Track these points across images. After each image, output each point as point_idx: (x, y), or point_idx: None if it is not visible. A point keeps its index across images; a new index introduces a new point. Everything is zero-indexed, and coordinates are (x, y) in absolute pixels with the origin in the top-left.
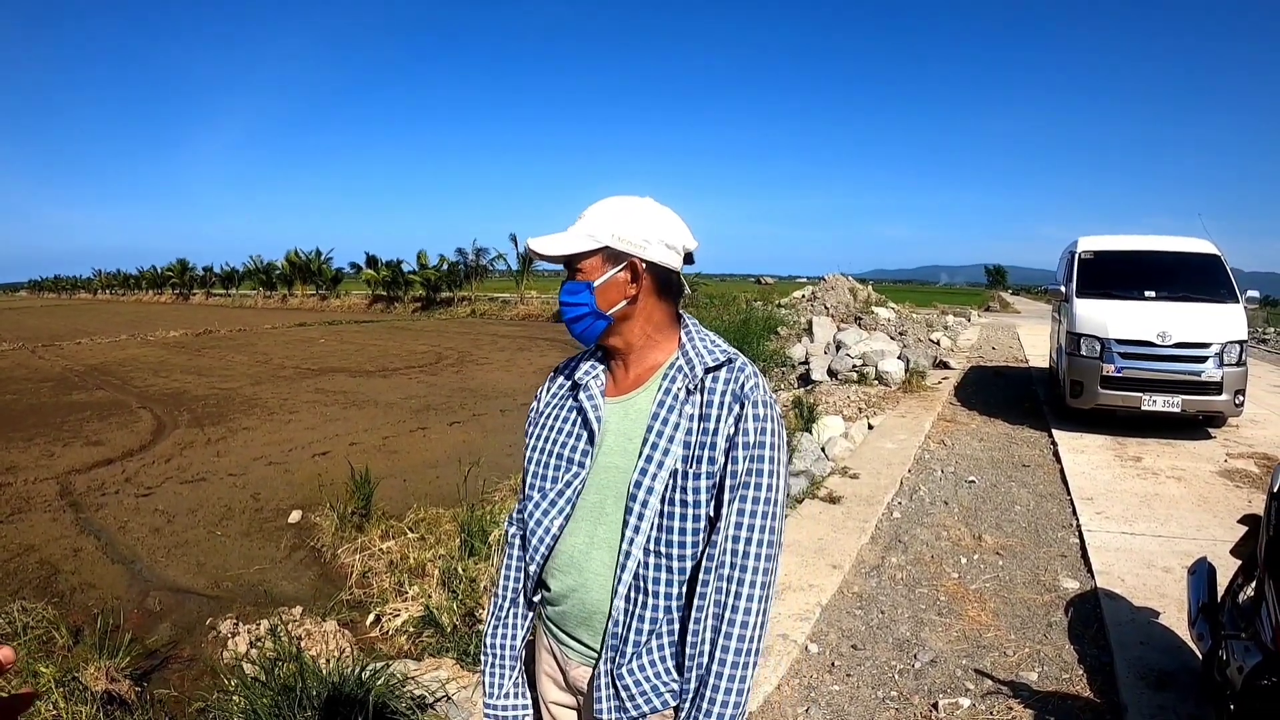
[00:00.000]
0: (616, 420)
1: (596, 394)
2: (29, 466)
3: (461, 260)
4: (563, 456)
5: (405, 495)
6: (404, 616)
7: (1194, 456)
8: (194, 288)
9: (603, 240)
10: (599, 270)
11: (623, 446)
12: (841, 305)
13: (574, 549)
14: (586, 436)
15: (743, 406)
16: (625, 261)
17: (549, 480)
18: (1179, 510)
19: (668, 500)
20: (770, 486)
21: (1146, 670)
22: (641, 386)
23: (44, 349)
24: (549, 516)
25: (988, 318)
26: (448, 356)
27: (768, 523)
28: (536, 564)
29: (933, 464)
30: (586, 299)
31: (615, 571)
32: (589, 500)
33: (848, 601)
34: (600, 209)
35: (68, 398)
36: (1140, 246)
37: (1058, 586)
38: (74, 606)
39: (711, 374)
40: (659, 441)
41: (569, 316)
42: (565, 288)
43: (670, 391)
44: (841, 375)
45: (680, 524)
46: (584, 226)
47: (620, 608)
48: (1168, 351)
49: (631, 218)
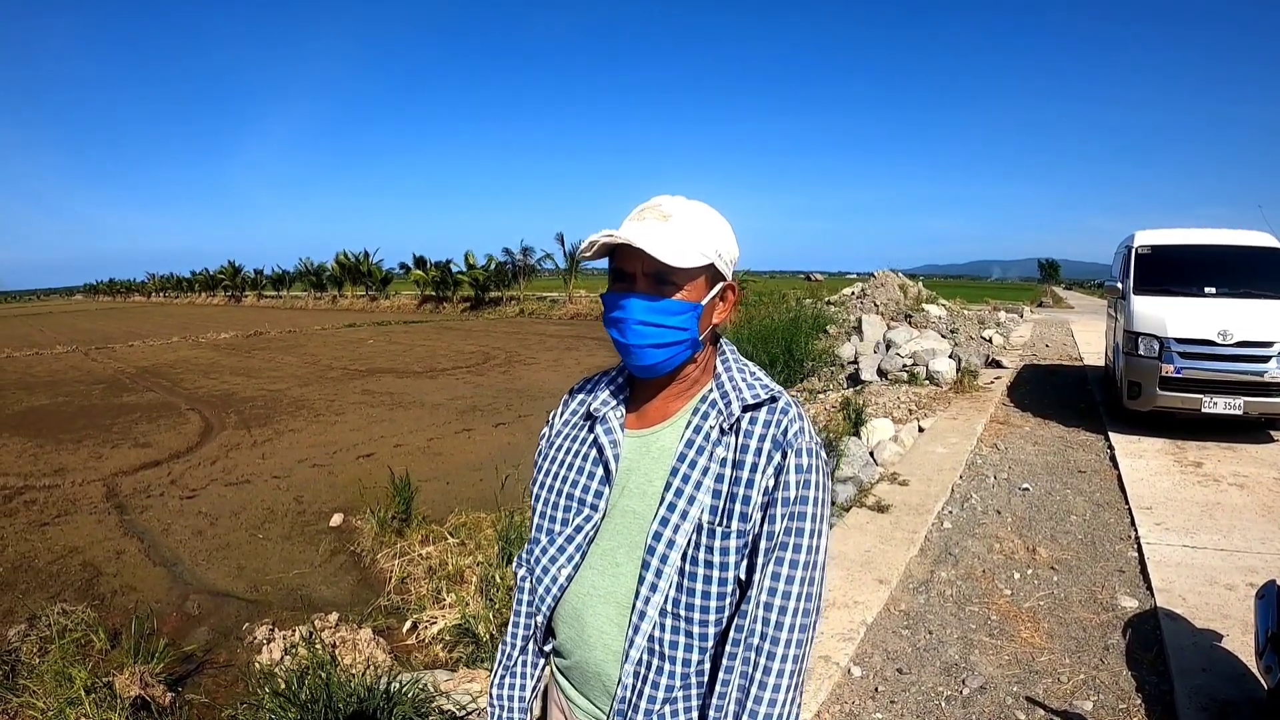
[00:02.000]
0: (636, 457)
1: (615, 427)
2: (77, 468)
3: (509, 260)
4: (573, 496)
5: (448, 498)
6: (440, 625)
7: (1256, 462)
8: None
9: (709, 257)
10: (703, 291)
11: (641, 489)
12: (891, 302)
13: (578, 601)
14: (602, 475)
15: (784, 456)
16: (723, 284)
17: (558, 522)
18: (1242, 520)
19: (690, 558)
20: (811, 549)
21: (1209, 701)
22: (668, 420)
23: (97, 351)
24: (556, 564)
25: (1040, 314)
26: (495, 356)
27: (805, 589)
28: (543, 614)
29: (985, 469)
30: (689, 323)
31: (626, 633)
32: (601, 547)
33: (894, 620)
34: (701, 216)
35: (118, 400)
36: (1199, 240)
37: (1115, 605)
38: (114, 609)
39: (750, 413)
40: (684, 488)
41: (655, 341)
42: (661, 305)
43: (701, 430)
44: (891, 375)
45: (704, 586)
46: (690, 236)
47: (630, 672)
48: (1229, 351)
49: (728, 234)
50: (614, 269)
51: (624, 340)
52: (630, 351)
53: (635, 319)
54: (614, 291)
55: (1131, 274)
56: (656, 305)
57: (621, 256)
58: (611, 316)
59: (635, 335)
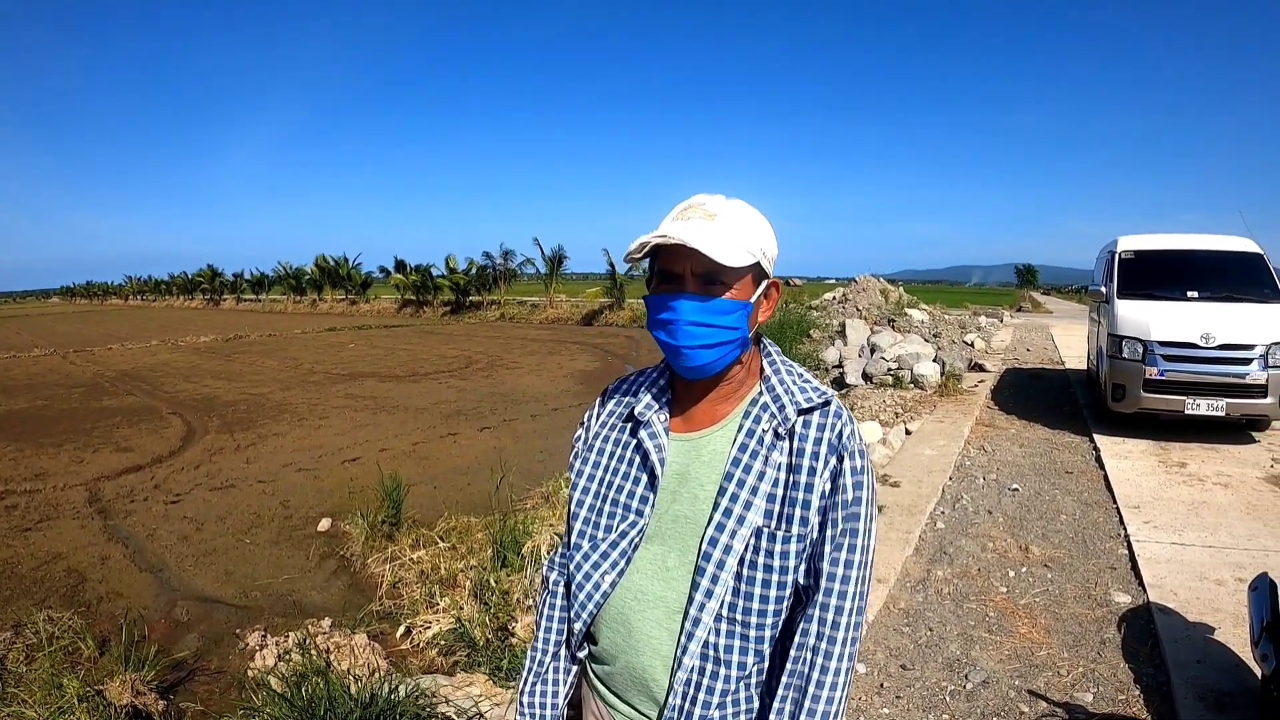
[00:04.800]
0: (685, 461)
1: (660, 432)
2: (58, 473)
3: (489, 264)
4: (618, 502)
5: (436, 502)
6: (435, 629)
7: (1239, 461)
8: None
9: (756, 255)
10: (750, 289)
11: (693, 494)
12: (873, 307)
13: (625, 606)
14: (647, 481)
15: (840, 461)
16: (768, 281)
17: (600, 529)
18: (1228, 518)
19: (748, 563)
20: (864, 549)
21: (1205, 691)
22: (719, 424)
23: (75, 354)
24: (599, 570)
25: (1020, 318)
26: (478, 361)
27: (859, 588)
28: (584, 621)
29: (974, 471)
30: (740, 322)
31: (679, 639)
32: (648, 553)
33: (894, 618)
34: (745, 215)
35: (98, 403)
36: (1181, 245)
37: (1109, 601)
38: (101, 616)
39: (803, 417)
40: (739, 493)
41: (710, 341)
42: (713, 305)
43: (754, 434)
44: (876, 379)
45: (762, 590)
46: (738, 235)
47: (683, 679)
48: (1211, 354)
49: (769, 231)
50: (659, 270)
51: (674, 342)
52: (680, 353)
53: (686, 320)
54: (662, 293)
55: (1115, 278)
56: (708, 305)
57: (667, 257)
58: (659, 318)
59: (686, 336)
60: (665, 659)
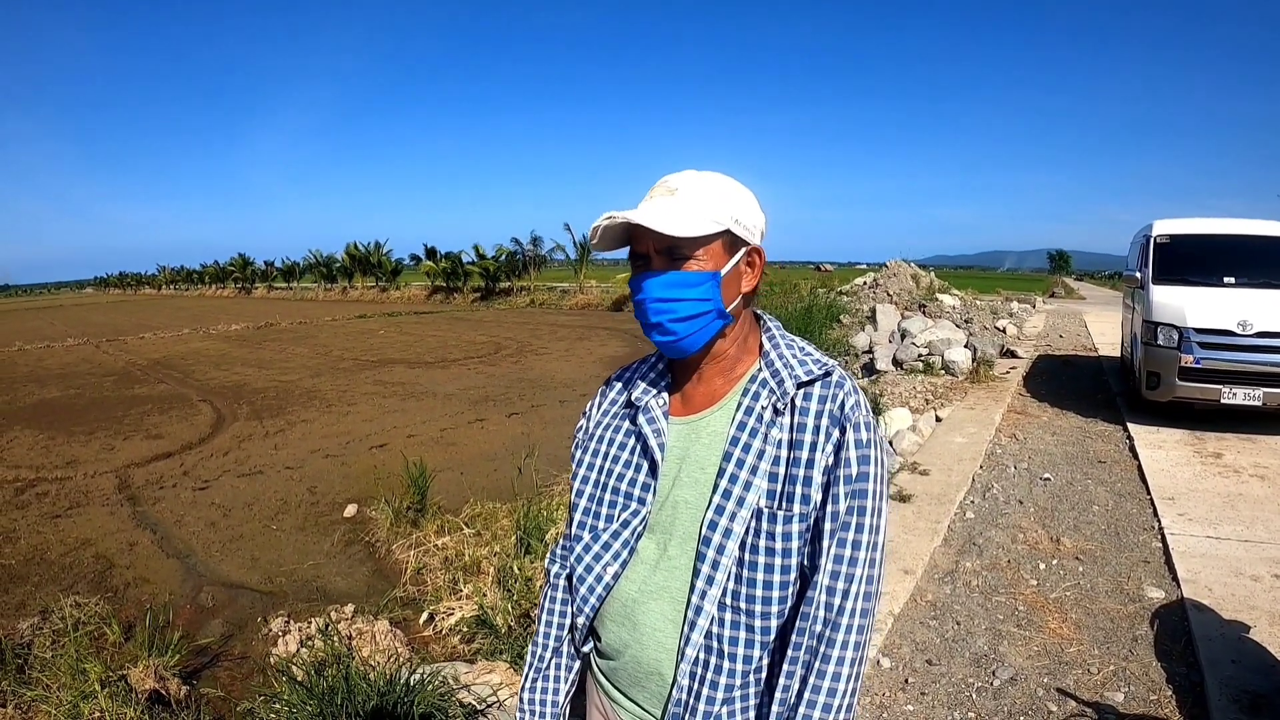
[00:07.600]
0: (684, 445)
1: (658, 415)
2: (89, 460)
3: (519, 250)
4: (619, 491)
5: (462, 488)
6: (457, 616)
7: (1276, 453)
8: (255, 282)
9: (724, 223)
10: (721, 258)
11: (693, 477)
12: (904, 292)
13: (628, 598)
14: (647, 467)
15: (843, 432)
16: (746, 249)
17: (601, 518)
18: (1264, 512)
19: (749, 547)
20: (873, 528)
21: (1239, 692)
22: (717, 404)
23: (108, 344)
24: (601, 562)
25: (1052, 304)
26: (506, 347)
27: (867, 570)
28: (586, 615)
29: (1005, 459)
30: (710, 293)
31: (682, 629)
32: (652, 541)
33: (921, 610)
34: (710, 185)
35: (129, 392)
36: (1218, 230)
37: (1142, 596)
38: (127, 601)
39: (804, 390)
40: (739, 473)
41: (680, 315)
42: (674, 278)
43: (753, 411)
44: (907, 365)
45: (765, 575)
46: (698, 205)
47: (686, 671)
48: (1249, 341)
49: (746, 199)
50: (631, 254)
51: (647, 320)
52: (655, 330)
53: (653, 296)
54: (634, 276)
55: (1150, 264)
56: (670, 279)
57: (635, 239)
58: (635, 301)
59: (655, 313)
60: (672, 652)
